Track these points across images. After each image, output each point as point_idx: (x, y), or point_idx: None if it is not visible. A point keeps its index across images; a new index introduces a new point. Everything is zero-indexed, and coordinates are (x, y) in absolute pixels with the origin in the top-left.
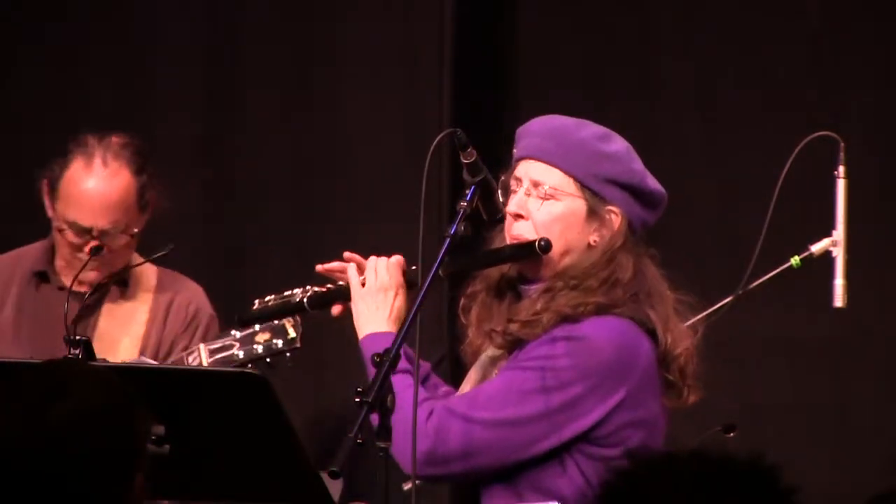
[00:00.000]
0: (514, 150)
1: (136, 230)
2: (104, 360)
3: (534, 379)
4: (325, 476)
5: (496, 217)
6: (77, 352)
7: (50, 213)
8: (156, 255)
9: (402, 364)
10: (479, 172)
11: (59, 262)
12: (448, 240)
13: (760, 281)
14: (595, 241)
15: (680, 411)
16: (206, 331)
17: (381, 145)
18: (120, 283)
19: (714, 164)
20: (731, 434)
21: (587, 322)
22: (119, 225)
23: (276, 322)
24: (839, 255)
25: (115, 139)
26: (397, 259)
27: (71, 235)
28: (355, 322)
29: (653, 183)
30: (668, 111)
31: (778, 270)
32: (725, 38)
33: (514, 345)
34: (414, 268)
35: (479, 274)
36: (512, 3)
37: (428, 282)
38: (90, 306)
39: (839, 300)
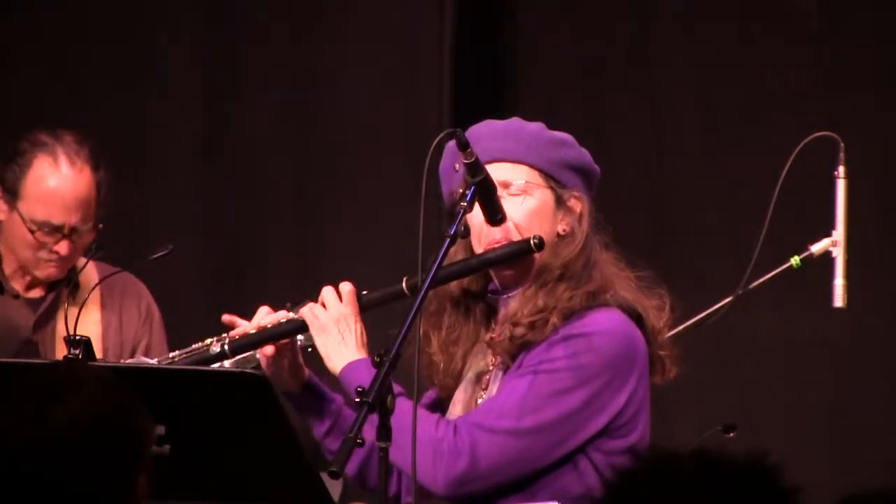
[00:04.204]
0: None
1: (98, 225)
2: (104, 360)
3: (552, 381)
4: (325, 476)
5: (497, 217)
6: (77, 352)
7: (3, 216)
8: (155, 256)
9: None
10: (479, 173)
11: (7, 268)
12: (448, 240)
13: (760, 281)
14: (564, 230)
15: (680, 411)
16: (159, 324)
17: (381, 145)
18: (72, 286)
19: (714, 164)
20: (731, 434)
21: (589, 317)
22: (88, 221)
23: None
24: (839, 255)
25: (69, 137)
26: (346, 285)
27: (41, 235)
28: (324, 356)
29: (595, 163)
30: (669, 111)
31: (778, 270)
32: (725, 38)
33: (519, 349)
34: (365, 292)
35: (430, 298)
36: (512, 3)
37: (427, 282)
38: (46, 313)
39: (839, 300)
